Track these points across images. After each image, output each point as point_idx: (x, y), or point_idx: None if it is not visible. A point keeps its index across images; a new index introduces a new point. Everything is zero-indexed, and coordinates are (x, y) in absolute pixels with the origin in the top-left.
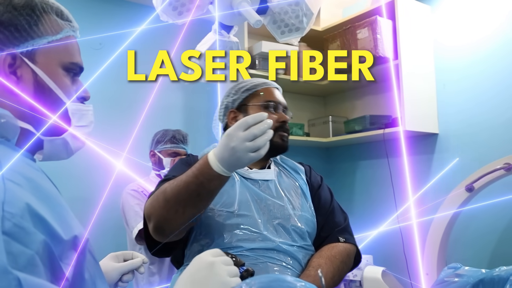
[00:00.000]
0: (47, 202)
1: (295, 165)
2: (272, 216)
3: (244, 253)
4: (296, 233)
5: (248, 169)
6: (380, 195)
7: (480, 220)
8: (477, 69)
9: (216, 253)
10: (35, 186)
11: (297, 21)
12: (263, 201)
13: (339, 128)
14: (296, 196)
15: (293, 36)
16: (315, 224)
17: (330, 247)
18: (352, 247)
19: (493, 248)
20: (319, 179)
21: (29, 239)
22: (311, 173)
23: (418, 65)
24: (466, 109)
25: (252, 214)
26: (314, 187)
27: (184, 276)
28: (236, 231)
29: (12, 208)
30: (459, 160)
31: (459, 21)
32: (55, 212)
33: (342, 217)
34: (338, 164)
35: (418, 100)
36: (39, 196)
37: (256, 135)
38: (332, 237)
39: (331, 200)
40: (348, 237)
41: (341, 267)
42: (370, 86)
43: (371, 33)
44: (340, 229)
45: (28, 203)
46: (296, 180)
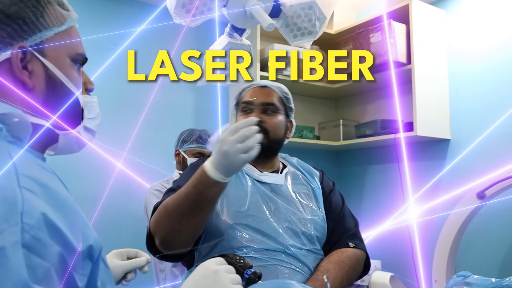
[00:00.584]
0: (62, 210)
1: (310, 169)
2: (282, 218)
3: (253, 254)
4: (305, 236)
5: (259, 172)
6: (389, 200)
7: (491, 228)
8: (492, 75)
9: (219, 262)
10: (49, 194)
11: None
12: (274, 203)
13: (350, 132)
14: (308, 200)
15: (305, 40)
16: (325, 229)
17: (340, 252)
18: (361, 253)
19: (504, 257)
20: (331, 184)
21: (46, 251)
22: (323, 178)
23: (431, 70)
24: (479, 115)
25: (262, 215)
26: (326, 191)
27: (188, 283)
28: (245, 231)
29: (30, 219)
30: (471, 167)
31: (475, 26)
32: (70, 221)
33: (353, 222)
34: (348, 168)
35: (430, 106)
36: (54, 204)
37: (246, 136)
38: (342, 242)
39: (342, 205)
40: (358, 242)
41: (350, 272)
42: (382, 90)
43: (384, 37)
44: (350, 234)
45: (45, 213)
46: (310, 183)
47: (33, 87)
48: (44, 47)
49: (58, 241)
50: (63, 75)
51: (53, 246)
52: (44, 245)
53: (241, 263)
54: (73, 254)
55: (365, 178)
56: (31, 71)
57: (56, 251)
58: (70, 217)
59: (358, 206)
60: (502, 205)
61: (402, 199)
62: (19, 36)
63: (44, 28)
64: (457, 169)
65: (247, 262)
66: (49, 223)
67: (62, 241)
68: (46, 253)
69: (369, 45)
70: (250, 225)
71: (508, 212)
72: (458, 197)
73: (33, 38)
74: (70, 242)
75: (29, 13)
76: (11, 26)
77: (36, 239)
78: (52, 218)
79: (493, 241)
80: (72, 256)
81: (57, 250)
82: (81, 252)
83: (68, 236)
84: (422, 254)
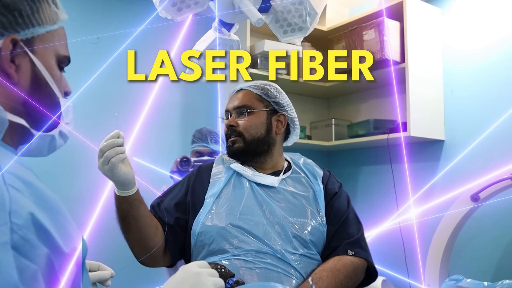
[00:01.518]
0: (48, 210)
1: (314, 170)
2: (274, 221)
3: (242, 257)
4: (298, 241)
5: (256, 172)
6: (382, 202)
7: (485, 231)
8: (487, 75)
9: (202, 265)
10: (35, 193)
11: (301, 20)
12: (268, 206)
13: (342, 132)
14: (307, 203)
15: (296, 36)
16: (323, 233)
17: (336, 259)
18: (361, 262)
19: (498, 260)
20: (336, 186)
21: (34, 253)
22: (329, 179)
23: (425, 69)
24: (474, 116)
25: (254, 218)
26: (329, 194)
27: (169, 284)
28: (237, 233)
29: (19, 219)
30: (465, 169)
31: (470, 24)
32: (57, 222)
33: (356, 228)
34: (340, 168)
35: (424, 105)
36: (41, 204)
37: (108, 157)
38: (341, 249)
39: (346, 209)
40: (359, 250)
41: (345, 281)
42: (375, 89)
43: (377, 35)
44: (351, 241)
45: (32, 212)
46: (311, 186)
47: (18, 81)
48: (35, 43)
49: (45, 242)
50: (49, 75)
51: (41, 248)
52: (32, 247)
53: (222, 272)
54: (60, 256)
55: (358, 179)
56: (18, 66)
57: (44, 253)
58: (56, 217)
59: None
60: (496, 208)
61: (395, 201)
62: (12, 28)
63: (37, 24)
64: (451, 171)
65: (229, 271)
66: (37, 224)
67: (50, 243)
68: (34, 255)
69: (362, 42)
70: (242, 227)
71: (502, 214)
72: (452, 199)
73: (25, 32)
74: (57, 244)
75: (26, 6)
76: (6, 16)
77: (25, 240)
78: (39, 218)
79: (487, 244)
80: (59, 259)
81: (44, 252)
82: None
83: (56, 238)
84: (415, 257)
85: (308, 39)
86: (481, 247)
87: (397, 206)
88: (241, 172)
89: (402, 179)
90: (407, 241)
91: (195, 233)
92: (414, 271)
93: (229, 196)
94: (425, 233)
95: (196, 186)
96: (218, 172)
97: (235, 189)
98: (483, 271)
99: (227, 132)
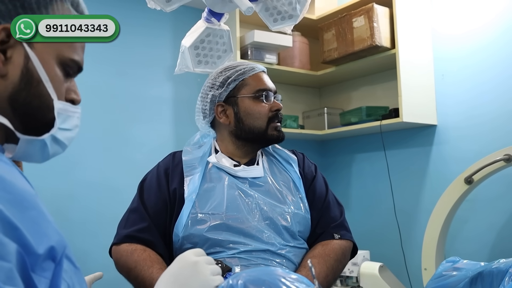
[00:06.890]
0: (19, 206)
1: (288, 156)
2: (262, 216)
3: (236, 255)
4: (288, 233)
5: (236, 166)
6: (377, 189)
7: (479, 213)
8: (477, 59)
9: (198, 253)
10: (5, 187)
11: (290, 8)
12: (253, 200)
13: (335, 120)
14: (288, 191)
15: (286, 24)
16: (308, 221)
17: (324, 244)
18: (347, 244)
19: (493, 241)
20: (313, 169)
21: (5, 250)
22: (304, 163)
23: (416, 54)
24: (465, 100)
25: (241, 215)
26: (308, 179)
27: (166, 274)
28: (226, 233)
29: None
30: (458, 152)
31: (458, 8)
32: (28, 218)
33: (338, 210)
34: (334, 157)
35: (416, 91)
36: (10, 199)
37: None
38: (327, 233)
39: (326, 192)
40: (344, 233)
41: (335, 265)
42: (366, 76)
43: (367, 22)
44: (335, 225)
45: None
46: (288, 172)
47: (5, 74)
48: None
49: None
50: (44, 73)
51: (10, 244)
52: (2, 244)
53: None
54: (32, 254)
55: (352, 166)
56: (9, 57)
57: (14, 250)
58: (28, 213)
59: (346, 196)
60: (490, 189)
61: (390, 187)
62: (10, 18)
63: None
64: (444, 155)
65: (225, 265)
66: (4, 220)
67: (19, 240)
68: (5, 253)
69: (352, 30)
70: (231, 225)
71: (496, 196)
72: (446, 183)
73: None
74: (27, 241)
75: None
76: (6, 4)
77: None
78: (7, 215)
79: (481, 225)
80: (31, 256)
81: (14, 248)
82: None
83: (25, 235)
84: (411, 242)
85: (297, 28)
86: (476, 228)
87: (392, 191)
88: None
89: (396, 165)
90: (403, 226)
91: (178, 236)
92: (411, 256)
93: (210, 194)
94: (420, 217)
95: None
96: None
97: (215, 184)
98: (479, 252)
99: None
